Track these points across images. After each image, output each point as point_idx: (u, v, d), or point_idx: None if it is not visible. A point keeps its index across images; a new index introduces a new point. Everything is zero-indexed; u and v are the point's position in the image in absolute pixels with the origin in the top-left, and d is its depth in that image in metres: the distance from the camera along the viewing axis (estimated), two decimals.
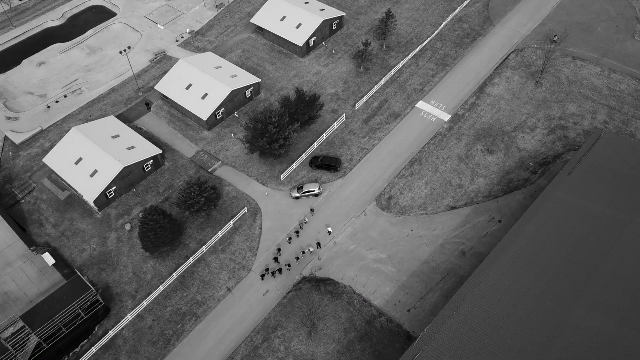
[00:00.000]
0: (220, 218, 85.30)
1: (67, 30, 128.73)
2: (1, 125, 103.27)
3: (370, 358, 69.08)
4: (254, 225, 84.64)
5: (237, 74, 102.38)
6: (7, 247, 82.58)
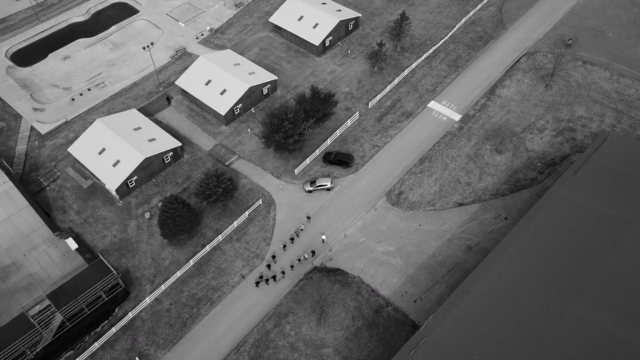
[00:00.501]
0: (236, 209, 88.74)
1: (92, 25, 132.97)
2: (28, 116, 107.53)
3: (377, 345, 72.08)
4: (268, 216, 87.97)
5: (255, 71, 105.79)
6: (32, 232, 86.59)
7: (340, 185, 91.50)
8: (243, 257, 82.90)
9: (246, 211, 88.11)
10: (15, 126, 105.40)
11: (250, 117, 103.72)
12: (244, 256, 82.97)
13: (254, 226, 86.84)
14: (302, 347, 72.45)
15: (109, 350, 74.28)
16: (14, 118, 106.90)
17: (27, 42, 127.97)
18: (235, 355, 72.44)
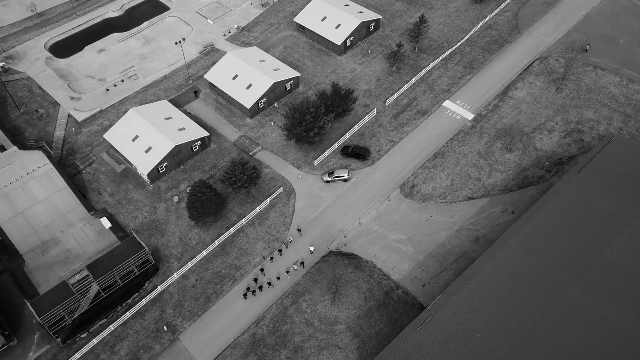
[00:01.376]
0: (259, 195, 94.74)
1: (125, 21, 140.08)
2: (66, 104, 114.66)
3: (386, 324, 77.54)
4: (288, 203, 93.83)
5: (279, 68, 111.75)
6: (70, 211, 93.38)
7: (356, 177, 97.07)
8: (264, 239, 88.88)
9: (268, 198, 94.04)
10: (53, 113, 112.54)
11: (274, 110, 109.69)
12: (265, 239, 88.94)
13: (274, 212, 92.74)
14: (317, 323, 78.21)
15: (139, 319, 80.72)
16: (52, 106, 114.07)
17: (65, 35, 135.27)
18: (255, 328, 78.42)
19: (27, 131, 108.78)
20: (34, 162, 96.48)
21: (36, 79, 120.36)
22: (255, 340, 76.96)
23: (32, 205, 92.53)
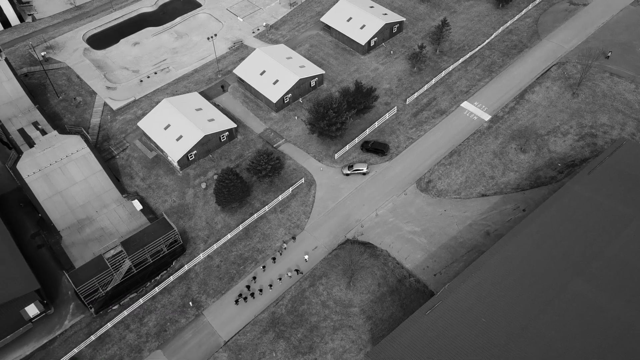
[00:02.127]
0: (281, 185, 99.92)
1: (159, 16, 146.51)
2: (102, 93, 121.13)
3: (398, 309, 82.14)
4: (309, 193, 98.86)
5: (305, 65, 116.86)
6: (104, 192, 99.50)
7: (375, 171, 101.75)
8: (285, 226, 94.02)
9: (290, 187, 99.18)
10: (90, 101, 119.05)
11: (298, 106, 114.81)
12: (286, 225, 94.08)
13: (296, 201, 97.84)
14: (332, 305, 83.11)
15: (166, 295, 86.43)
16: (89, 94, 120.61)
17: (102, 27, 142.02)
18: (274, 308, 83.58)
19: (65, 117, 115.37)
20: (72, 145, 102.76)
21: (74, 69, 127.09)
22: (274, 319, 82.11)
23: (70, 186, 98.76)
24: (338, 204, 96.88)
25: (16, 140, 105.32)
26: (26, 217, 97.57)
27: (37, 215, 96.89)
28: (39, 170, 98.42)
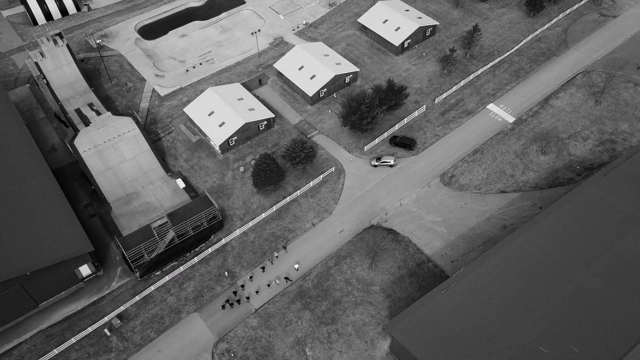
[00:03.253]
0: (313, 172, 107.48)
1: (205, 11, 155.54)
2: (151, 80, 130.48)
3: (415, 290, 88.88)
4: (338, 181, 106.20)
5: (341, 62, 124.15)
6: (151, 170, 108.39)
7: (401, 164, 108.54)
8: (315, 210, 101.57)
9: (321, 175, 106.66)
10: (140, 87, 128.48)
11: (332, 100, 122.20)
12: (316, 209, 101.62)
13: (325, 187, 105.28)
14: (355, 283, 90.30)
15: (204, 265, 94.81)
16: (139, 80, 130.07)
17: (152, 19, 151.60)
18: (301, 282, 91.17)
19: (117, 100, 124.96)
20: (124, 126, 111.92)
21: (126, 57, 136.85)
22: (301, 291, 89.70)
23: (121, 163, 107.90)
24: (365, 193, 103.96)
25: (73, 119, 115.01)
26: (80, 188, 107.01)
27: (90, 188, 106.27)
28: (94, 147, 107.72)
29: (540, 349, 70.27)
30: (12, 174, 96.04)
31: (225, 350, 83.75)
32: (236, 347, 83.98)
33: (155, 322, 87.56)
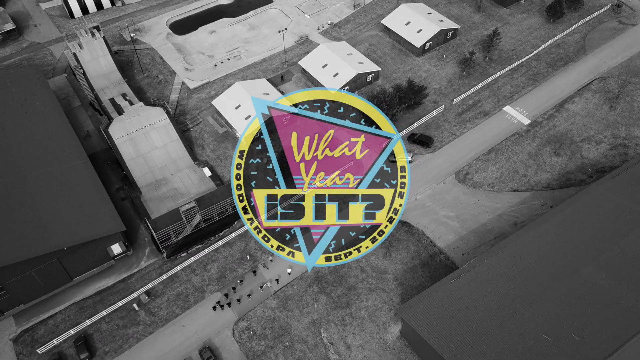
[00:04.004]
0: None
1: (234, 8, 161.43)
2: (181, 73, 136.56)
3: (427, 279, 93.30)
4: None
5: (363, 61, 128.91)
6: (179, 158, 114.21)
7: (418, 161, 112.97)
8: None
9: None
10: (170, 80, 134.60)
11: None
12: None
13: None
14: (370, 271, 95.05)
15: (228, 248, 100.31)
16: (170, 73, 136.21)
17: (183, 15, 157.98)
18: (318, 268, 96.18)
19: (148, 92, 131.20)
20: (155, 116, 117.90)
21: (158, 50, 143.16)
22: (318, 277, 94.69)
23: (151, 150, 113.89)
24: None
25: (107, 108, 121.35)
26: (112, 173, 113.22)
27: (121, 173, 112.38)
28: (127, 135, 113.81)
29: (543, 336, 74.33)
30: (52, 157, 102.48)
31: (245, 328, 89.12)
32: (255, 325, 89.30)
33: (180, 299, 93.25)
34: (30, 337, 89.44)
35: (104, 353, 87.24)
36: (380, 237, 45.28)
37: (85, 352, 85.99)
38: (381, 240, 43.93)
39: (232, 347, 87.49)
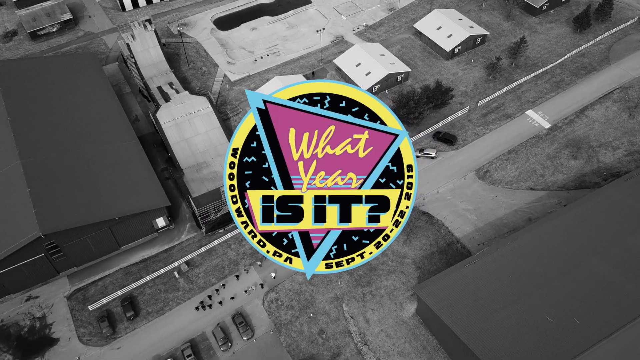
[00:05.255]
0: None
1: (275, 7, 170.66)
2: (222, 66, 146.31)
3: (443, 265, 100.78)
4: None
5: (394, 62, 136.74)
6: (220, 144, 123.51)
7: (441, 157, 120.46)
8: None
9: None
10: (213, 72, 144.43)
11: (383, 96, 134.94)
12: None
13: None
14: (390, 254, 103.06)
15: None
16: (212, 66, 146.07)
17: (226, 12, 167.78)
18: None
19: (192, 82, 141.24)
20: (199, 104, 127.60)
21: (202, 44, 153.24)
22: None
23: (194, 136, 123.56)
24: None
25: (155, 95, 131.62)
26: (158, 155, 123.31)
27: (166, 155, 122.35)
28: (173, 120, 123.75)
29: (546, 317, 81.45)
30: (107, 136, 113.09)
31: (274, 299, 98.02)
32: (283, 297, 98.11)
33: (216, 270, 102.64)
34: (82, 295, 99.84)
35: (147, 313, 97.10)
36: (385, 242, 42.72)
37: (131, 311, 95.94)
38: (386, 245, 43.30)
39: (261, 315, 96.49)
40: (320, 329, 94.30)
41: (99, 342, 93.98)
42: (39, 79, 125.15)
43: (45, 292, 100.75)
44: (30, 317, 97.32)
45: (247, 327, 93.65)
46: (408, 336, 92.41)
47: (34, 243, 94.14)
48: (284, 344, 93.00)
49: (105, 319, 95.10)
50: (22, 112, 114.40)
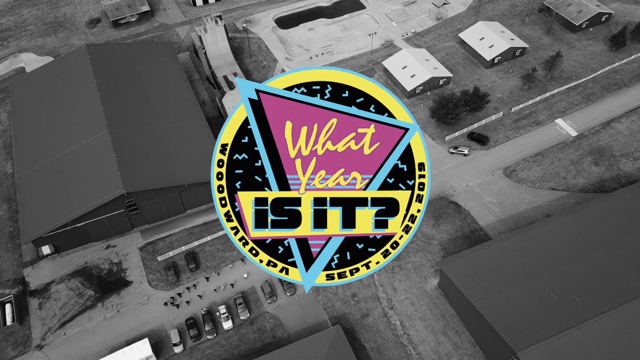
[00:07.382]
0: None
1: (331, 10, 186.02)
2: (282, 62, 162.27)
3: (466, 248, 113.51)
4: None
5: (438, 67, 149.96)
6: None
7: (473, 155, 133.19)
8: None
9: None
10: (272, 66, 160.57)
11: (425, 97, 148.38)
12: None
13: None
14: (419, 236, 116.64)
15: None
16: (272, 60, 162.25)
17: (286, 12, 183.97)
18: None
19: (253, 74, 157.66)
20: None
21: (264, 40, 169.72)
22: None
23: None
24: (439, 172, 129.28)
25: (221, 83, 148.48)
26: None
27: None
28: None
29: (550, 295, 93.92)
30: (180, 115, 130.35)
31: None
32: None
33: None
34: (152, 248, 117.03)
35: (206, 267, 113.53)
36: (394, 250, 37.33)
37: (193, 264, 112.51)
38: (395, 254, 37.95)
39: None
40: (353, 293, 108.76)
41: (165, 287, 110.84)
42: (123, 61, 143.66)
43: (121, 242, 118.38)
44: (109, 262, 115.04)
45: (290, 285, 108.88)
46: (429, 305, 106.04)
47: (117, 200, 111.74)
48: (321, 302, 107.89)
49: (171, 269, 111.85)
50: (110, 89, 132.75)
